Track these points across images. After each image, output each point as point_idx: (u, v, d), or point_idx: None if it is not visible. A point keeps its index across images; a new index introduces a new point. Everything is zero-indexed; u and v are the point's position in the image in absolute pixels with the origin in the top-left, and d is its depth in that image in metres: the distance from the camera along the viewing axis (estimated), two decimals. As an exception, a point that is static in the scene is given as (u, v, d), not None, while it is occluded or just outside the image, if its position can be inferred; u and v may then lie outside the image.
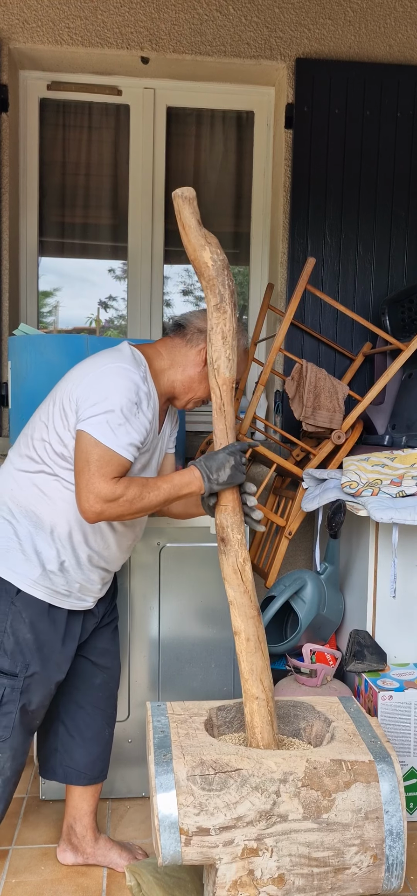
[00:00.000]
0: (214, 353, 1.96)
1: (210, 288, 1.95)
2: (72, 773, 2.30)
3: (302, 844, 1.80)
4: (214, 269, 1.93)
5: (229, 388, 1.98)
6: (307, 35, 3.41)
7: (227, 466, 1.96)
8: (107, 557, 2.18)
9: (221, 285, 1.94)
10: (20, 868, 2.30)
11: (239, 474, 1.98)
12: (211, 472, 1.96)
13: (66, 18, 3.32)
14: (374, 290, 3.50)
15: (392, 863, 1.85)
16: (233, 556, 1.97)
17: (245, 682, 1.97)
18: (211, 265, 1.93)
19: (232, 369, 1.98)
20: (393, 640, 2.75)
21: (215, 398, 1.99)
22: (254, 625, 1.97)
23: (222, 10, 3.37)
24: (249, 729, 1.97)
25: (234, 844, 1.76)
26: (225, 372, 1.96)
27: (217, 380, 1.97)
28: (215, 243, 1.95)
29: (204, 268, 1.94)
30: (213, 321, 1.95)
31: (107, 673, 2.34)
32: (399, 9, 3.43)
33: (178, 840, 1.74)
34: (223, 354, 1.96)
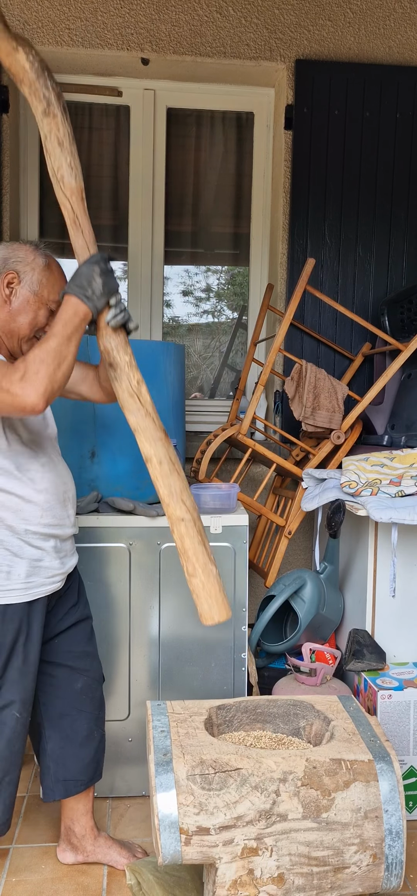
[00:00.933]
0: (55, 162, 1.82)
1: (33, 93, 1.79)
2: (71, 785, 2.25)
3: (302, 844, 1.80)
4: (33, 72, 1.78)
5: (79, 198, 1.84)
6: (307, 36, 3.42)
7: (95, 276, 1.84)
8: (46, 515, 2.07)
9: (44, 88, 1.78)
10: (21, 867, 2.30)
11: (112, 279, 1.87)
12: (85, 288, 1.84)
13: (66, 20, 3.32)
14: (373, 290, 3.51)
15: (391, 862, 1.85)
16: (126, 379, 1.86)
17: (166, 507, 1.86)
18: (29, 67, 1.77)
19: (78, 177, 1.84)
20: (393, 640, 2.76)
21: (66, 212, 1.85)
22: (163, 446, 1.87)
23: (222, 11, 3.38)
24: (182, 555, 1.86)
25: (234, 844, 1.77)
26: (71, 181, 1.83)
27: (64, 191, 1.83)
28: (28, 45, 1.79)
29: (21, 72, 1.77)
30: (45, 129, 1.80)
31: (87, 675, 2.27)
32: (398, 10, 3.44)
33: (178, 839, 1.74)
34: (64, 162, 1.82)
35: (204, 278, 3.94)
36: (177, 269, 3.89)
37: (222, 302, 3.99)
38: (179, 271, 3.89)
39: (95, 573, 2.59)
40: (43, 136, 1.82)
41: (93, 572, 2.59)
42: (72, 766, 2.25)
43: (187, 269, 3.91)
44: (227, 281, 4.00)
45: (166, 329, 3.89)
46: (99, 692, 2.32)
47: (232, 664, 2.68)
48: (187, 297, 3.93)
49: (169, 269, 3.84)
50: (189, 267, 3.91)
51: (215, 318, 3.99)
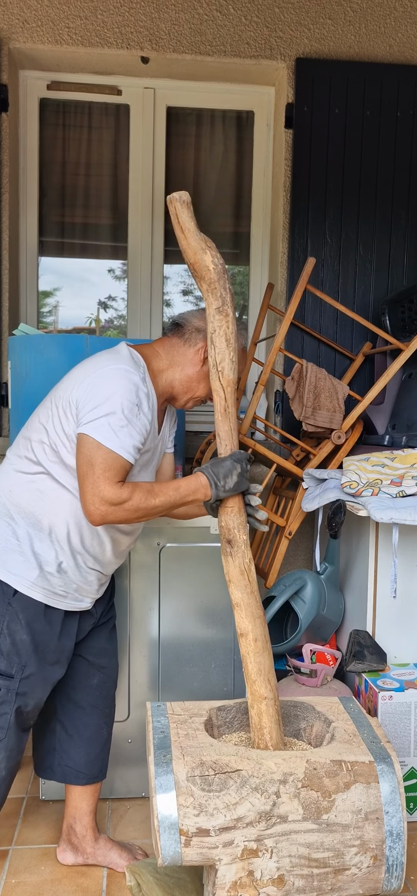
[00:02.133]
0: (218, 355, 1.96)
1: (211, 291, 1.95)
2: (71, 773, 2.30)
3: (302, 845, 1.79)
4: (216, 273, 1.93)
5: (233, 390, 1.98)
6: (307, 35, 3.41)
7: (234, 474, 1.96)
8: (103, 561, 2.18)
9: (222, 289, 1.95)
10: (20, 868, 2.30)
11: (245, 481, 1.98)
12: (219, 479, 1.96)
13: (65, 18, 3.31)
14: (374, 289, 3.50)
15: (392, 863, 1.84)
16: (240, 557, 1.97)
17: (252, 683, 1.96)
18: (213, 269, 1.93)
19: (236, 372, 1.98)
20: (393, 640, 2.75)
21: (219, 400, 1.98)
22: (261, 625, 1.97)
23: (222, 9, 3.37)
24: (257, 730, 1.96)
25: (234, 845, 1.76)
26: (230, 374, 1.97)
27: (221, 382, 1.97)
28: (214, 247, 1.95)
29: (205, 271, 1.94)
30: (216, 324, 1.95)
31: (104, 672, 2.34)
32: (399, 9, 3.43)
33: (178, 841, 1.74)
34: (227, 356, 1.96)
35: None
36: (177, 269, 3.88)
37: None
38: (179, 271, 3.89)
39: (95, 573, 2.59)
40: (211, 329, 1.96)
41: (92, 572, 2.58)
42: (76, 757, 2.29)
43: (187, 268, 3.90)
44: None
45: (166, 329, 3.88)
46: (112, 691, 2.38)
47: (233, 665, 2.68)
48: (187, 296, 3.93)
49: (168, 269, 3.83)
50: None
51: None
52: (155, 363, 2.16)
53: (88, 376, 2.03)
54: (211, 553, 2.64)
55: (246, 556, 1.97)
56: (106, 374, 2.01)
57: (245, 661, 1.97)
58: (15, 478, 2.10)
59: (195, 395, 2.22)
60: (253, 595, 1.97)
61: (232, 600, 1.97)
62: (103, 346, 2.19)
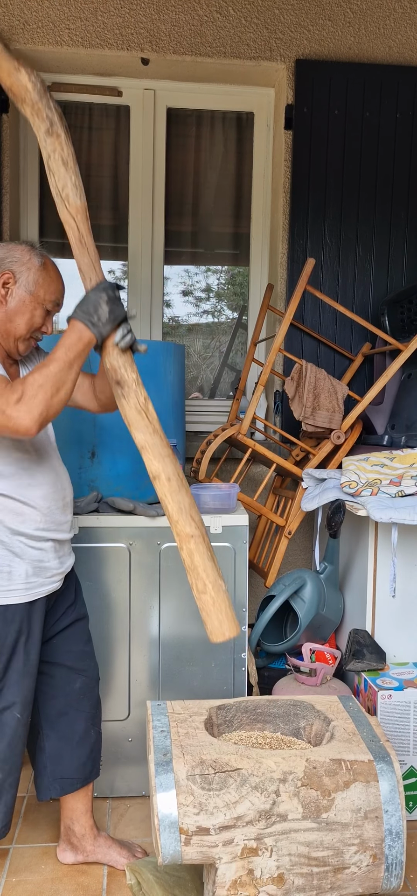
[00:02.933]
0: (59, 182, 1.81)
1: (36, 113, 1.79)
2: (67, 783, 2.26)
3: (302, 844, 1.80)
4: (36, 92, 1.78)
5: (84, 217, 1.84)
6: (306, 36, 3.42)
7: (103, 303, 1.84)
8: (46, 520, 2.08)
9: (47, 108, 1.79)
10: (21, 867, 2.30)
11: (119, 307, 1.87)
12: (91, 315, 1.84)
13: (66, 20, 3.32)
14: (373, 290, 3.51)
15: (391, 862, 1.85)
16: (133, 397, 1.86)
17: (175, 523, 1.85)
18: (31, 87, 1.78)
19: (83, 196, 1.84)
20: (393, 640, 2.76)
21: (72, 231, 1.84)
22: (172, 462, 1.87)
23: (222, 11, 3.38)
24: (191, 572, 1.85)
25: (234, 844, 1.77)
26: (76, 199, 1.82)
27: (69, 210, 1.83)
28: (28, 66, 1.80)
29: (24, 92, 1.78)
30: (49, 149, 1.80)
31: (85, 675, 2.28)
32: (398, 10, 3.44)
33: (178, 839, 1.74)
34: (69, 181, 1.82)
35: (204, 278, 3.94)
36: (176, 269, 3.88)
37: (222, 302, 3.99)
38: (179, 271, 3.89)
39: (95, 573, 2.59)
40: (45, 155, 1.82)
41: (92, 572, 2.59)
42: (69, 765, 2.26)
43: (187, 268, 3.91)
44: (227, 281, 4.00)
45: (166, 329, 3.89)
46: (96, 691, 2.33)
47: (233, 664, 2.68)
48: (187, 297, 3.93)
49: (168, 269, 3.84)
50: (189, 267, 3.91)
51: (215, 318, 3.99)
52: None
53: None
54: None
55: (141, 394, 1.87)
56: None
57: (163, 504, 1.86)
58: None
59: (16, 334, 2.05)
60: (156, 434, 1.87)
61: (137, 444, 1.87)
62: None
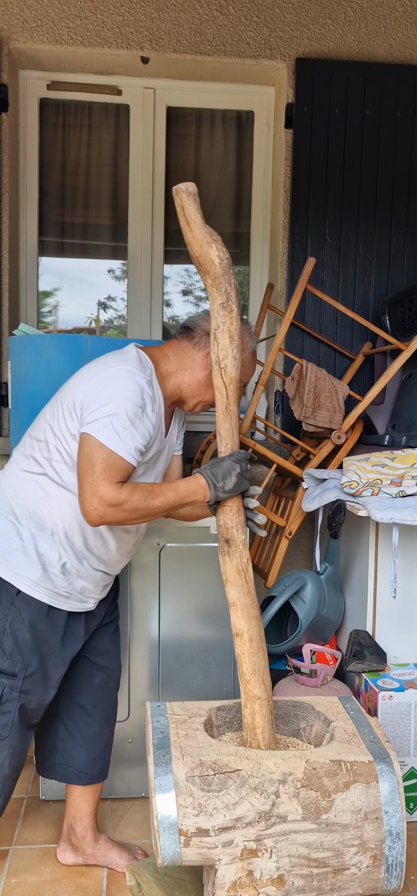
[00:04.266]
0: (221, 352, 1.93)
1: (216, 286, 1.92)
2: (72, 773, 2.30)
3: (302, 845, 1.80)
4: (221, 268, 1.90)
5: (235, 388, 1.95)
6: (307, 35, 3.41)
7: (233, 474, 1.94)
8: (108, 561, 2.17)
9: (227, 283, 1.91)
10: (20, 868, 2.30)
11: (245, 482, 1.97)
12: (217, 479, 1.94)
13: (65, 18, 3.31)
14: (374, 289, 3.50)
15: (391, 863, 1.85)
16: (238, 557, 1.95)
17: (246, 682, 1.95)
18: (218, 263, 1.90)
19: (239, 368, 1.95)
20: (393, 641, 2.75)
21: (221, 398, 1.95)
22: (257, 625, 1.96)
23: (222, 9, 3.37)
24: (250, 730, 1.96)
25: (233, 845, 1.76)
26: (232, 371, 1.93)
27: (223, 379, 1.93)
28: (220, 241, 1.92)
29: (210, 265, 1.90)
30: (219, 320, 1.92)
31: (106, 673, 2.34)
32: (399, 8, 3.43)
33: (177, 841, 1.74)
34: (230, 353, 1.93)
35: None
36: (176, 269, 3.88)
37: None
38: (179, 270, 3.89)
39: (95, 573, 2.59)
40: (214, 324, 1.92)
41: (92, 572, 2.58)
42: (78, 757, 2.30)
43: (187, 268, 3.90)
44: (228, 280, 3.99)
45: (166, 328, 3.88)
46: (115, 692, 2.38)
47: (233, 665, 2.68)
48: (187, 296, 3.93)
49: (168, 269, 3.83)
50: (189, 266, 3.90)
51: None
52: (163, 366, 2.16)
53: (94, 376, 2.03)
54: (212, 553, 2.64)
55: (244, 555, 1.96)
56: (111, 375, 2.01)
57: (239, 661, 1.96)
58: (20, 477, 2.10)
59: (204, 398, 2.21)
60: (249, 595, 1.96)
61: (229, 600, 1.97)
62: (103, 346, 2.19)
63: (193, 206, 1.89)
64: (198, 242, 1.89)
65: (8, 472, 2.15)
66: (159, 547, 2.62)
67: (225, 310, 1.92)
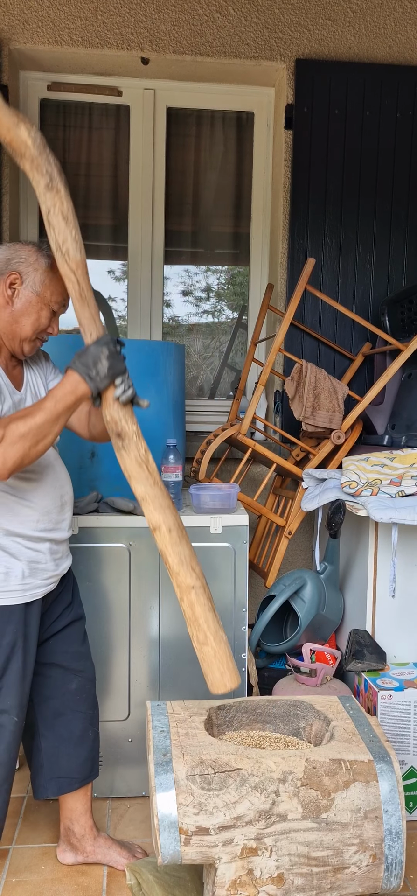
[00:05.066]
0: (59, 236, 1.80)
1: (36, 168, 1.79)
2: (64, 783, 2.26)
3: (302, 844, 1.80)
4: (35, 147, 1.79)
5: (84, 271, 1.83)
6: (307, 36, 3.42)
7: (103, 358, 1.82)
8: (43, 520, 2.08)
9: (47, 163, 1.79)
10: (20, 867, 2.30)
11: (119, 362, 1.86)
12: (90, 368, 1.83)
13: (66, 19, 3.32)
14: (374, 290, 3.51)
15: (391, 862, 1.85)
16: (134, 449, 1.86)
17: (176, 575, 1.86)
18: (31, 143, 1.78)
19: (82, 250, 1.83)
20: (393, 640, 2.76)
21: (72, 285, 1.83)
22: (172, 513, 1.87)
23: (222, 10, 3.38)
24: (192, 623, 1.87)
25: (233, 844, 1.77)
26: (77, 254, 1.81)
27: (69, 265, 1.82)
28: (27, 120, 1.80)
29: (23, 147, 1.78)
30: (48, 203, 1.80)
31: (82, 675, 2.28)
32: (398, 10, 3.44)
33: (178, 839, 1.75)
34: (69, 236, 1.81)
35: (204, 278, 3.95)
36: (176, 269, 3.89)
37: (222, 302, 3.99)
38: (179, 271, 3.89)
39: (95, 573, 2.59)
40: (45, 210, 1.81)
41: (92, 572, 2.59)
42: (66, 765, 2.26)
43: (187, 268, 3.91)
44: (227, 281, 4.00)
45: (166, 329, 3.89)
46: (93, 692, 2.33)
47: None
48: (187, 296, 3.93)
49: (168, 269, 3.84)
50: (189, 267, 3.91)
51: (215, 318, 3.99)
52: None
53: None
54: (211, 553, 2.64)
55: (141, 446, 1.87)
56: None
57: (164, 556, 1.87)
58: None
59: (22, 335, 2.03)
60: (157, 485, 1.87)
61: (137, 496, 1.87)
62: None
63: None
64: (5, 126, 1.78)
65: None
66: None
67: (52, 190, 1.80)
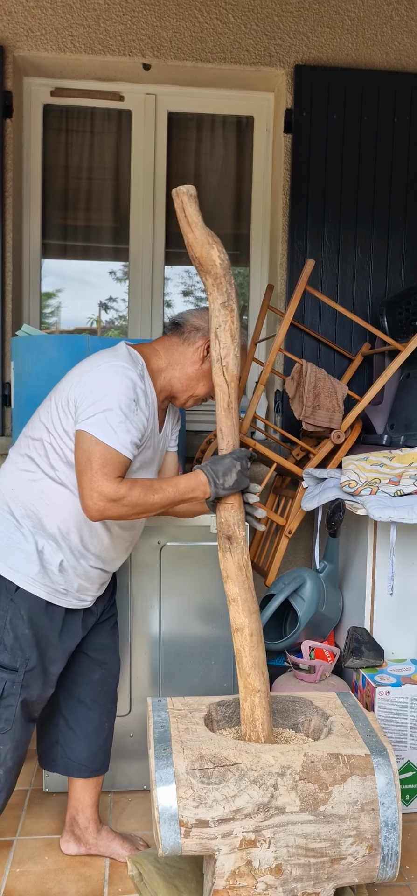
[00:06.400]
0: (222, 350, 1.96)
1: (217, 286, 1.95)
2: (73, 766, 2.34)
3: (299, 836, 1.84)
4: (222, 268, 1.94)
5: (236, 386, 1.99)
6: (305, 42, 3.45)
7: (234, 472, 1.96)
8: (105, 558, 2.21)
9: (228, 284, 1.95)
10: (24, 858, 2.34)
11: (245, 479, 1.99)
12: (218, 476, 1.97)
13: (69, 27, 3.36)
14: (372, 291, 3.54)
15: (387, 853, 1.89)
16: (239, 554, 1.98)
17: (246, 676, 1.98)
18: (219, 263, 1.93)
19: (239, 366, 1.99)
20: (391, 637, 2.79)
21: (223, 395, 1.98)
22: (256, 620, 1.99)
23: (222, 18, 3.42)
24: (249, 723, 1.99)
25: (233, 836, 1.80)
26: (234, 369, 1.97)
27: (225, 377, 1.97)
28: (220, 242, 1.96)
29: (211, 266, 1.94)
30: (220, 319, 1.96)
31: (105, 668, 2.37)
32: (395, 17, 3.47)
33: (178, 832, 1.78)
34: (231, 352, 1.97)
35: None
36: (177, 270, 3.92)
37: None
38: (180, 271, 3.93)
39: (97, 572, 2.63)
40: (215, 323, 1.96)
41: (95, 571, 2.62)
42: (79, 751, 2.33)
43: (188, 269, 3.94)
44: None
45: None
46: (114, 686, 2.41)
47: (233, 661, 2.71)
48: (188, 297, 3.97)
49: (169, 270, 3.88)
50: (190, 267, 3.94)
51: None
52: (154, 361, 2.19)
53: (86, 374, 2.05)
54: (211, 552, 2.68)
55: (245, 552, 1.99)
56: (104, 371, 2.03)
57: (239, 656, 1.99)
58: (17, 476, 2.13)
59: (195, 393, 2.23)
60: (249, 591, 1.99)
61: (229, 596, 1.99)
62: (104, 346, 2.22)
63: (194, 207, 1.92)
64: (199, 243, 1.93)
65: (5, 472, 2.18)
66: (160, 546, 2.66)
67: (227, 309, 1.96)
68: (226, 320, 1.96)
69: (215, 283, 1.95)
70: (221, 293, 1.95)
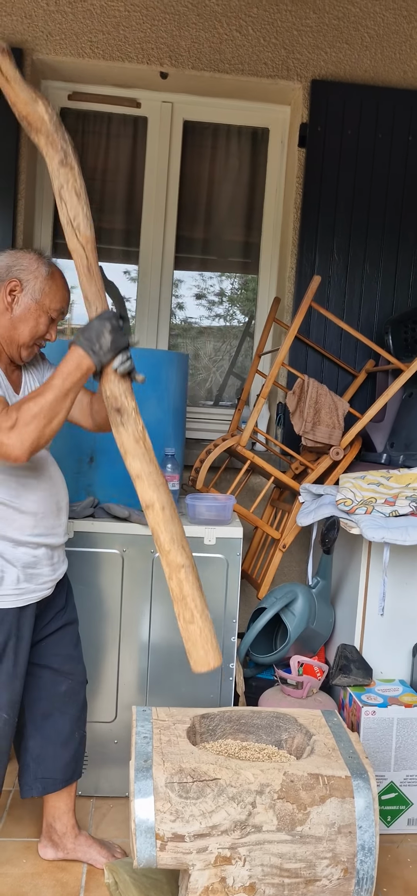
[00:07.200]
0: (70, 211, 1.84)
1: (50, 144, 1.82)
2: (49, 783, 2.29)
3: (275, 855, 1.84)
4: (51, 123, 1.82)
5: (93, 246, 1.87)
6: (323, 58, 3.46)
7: (106, 332, 1.86)
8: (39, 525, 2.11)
9: (62, 140, 1.82)
10: (2, 860, 2.34)
11: (122, 337, 1.89)
12: (93, 343, 1.87)
13: (88, 32, 3.38)
14: (379, 309, 3.54)
15: (362, 877, 1.89)
16: (132, 425, 1.89)
17: (167, 553, 1.87)
18: (48, 118, 1.81)
19: (92, 227, 1.87)
20: (380, 657, 2.79)
21: (81, 261, 1.87)
22: (165, 492, 1.89)
23: (242, 30, 3.42)
24: (180, 601, 1.88)
25: (208, 852, 1.81)
26: (87, 230, 1.85)
27: (79, 240, 1.85)
28: (45, 98, 1.83)
29: (40, 123, 1.81)
30: (61, 179, 1.83)
31: (71, 678, 2.31)
32: (415, 37, 3.47)
33: (154, 845, 1.79)
34: (80, 212, 1.84)
35: (217, 282, 4.00)
36: (191, 273, 3.94)
37: (234, 306, 4.04)
38: (193, 275, 3.95)
39: (88, 577, 2.64)
40: (57, 185, 1.85)
41: (85, 576, 2.63)
42: (52, 766, 2.29)
43: (201, 272, 3.96)
44: (240, 285, 4.05)
45: (178, 330, 3.94)
46: (82, 694, 2.36)
47: (220, 673, 2.72)
48: (200, 299, 3.98)
49: (183, 273, 3.90)
50: (203, 271, 3.96)
51: (227, 321, 4.04)
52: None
53: None
54: (204, 563, 2.68)
55: (139, 423, 1.90)
56: None
57: (156, 534, 1.89)
58: None
59: (20, 341, 2.08)
60: (152, 463, 1.89)
61: (132, 473, 1.89)
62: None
63: (9, 63, 1.79)
64: (22, 101, 1.81)
65: None
66: (152, 555, 2.67)
67: (66, 167, 1.84)
68: (68, 179, 1.83)
69: (48, 141, 1.83)
70: (57, 151, 1.83)
